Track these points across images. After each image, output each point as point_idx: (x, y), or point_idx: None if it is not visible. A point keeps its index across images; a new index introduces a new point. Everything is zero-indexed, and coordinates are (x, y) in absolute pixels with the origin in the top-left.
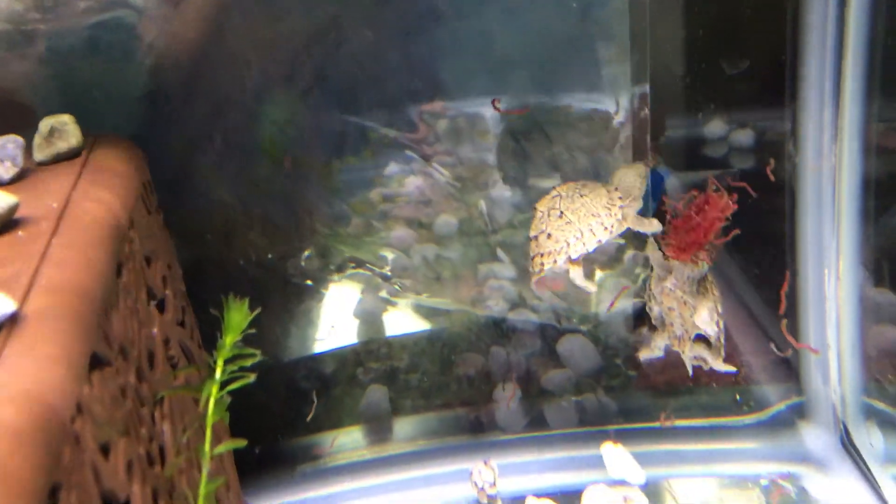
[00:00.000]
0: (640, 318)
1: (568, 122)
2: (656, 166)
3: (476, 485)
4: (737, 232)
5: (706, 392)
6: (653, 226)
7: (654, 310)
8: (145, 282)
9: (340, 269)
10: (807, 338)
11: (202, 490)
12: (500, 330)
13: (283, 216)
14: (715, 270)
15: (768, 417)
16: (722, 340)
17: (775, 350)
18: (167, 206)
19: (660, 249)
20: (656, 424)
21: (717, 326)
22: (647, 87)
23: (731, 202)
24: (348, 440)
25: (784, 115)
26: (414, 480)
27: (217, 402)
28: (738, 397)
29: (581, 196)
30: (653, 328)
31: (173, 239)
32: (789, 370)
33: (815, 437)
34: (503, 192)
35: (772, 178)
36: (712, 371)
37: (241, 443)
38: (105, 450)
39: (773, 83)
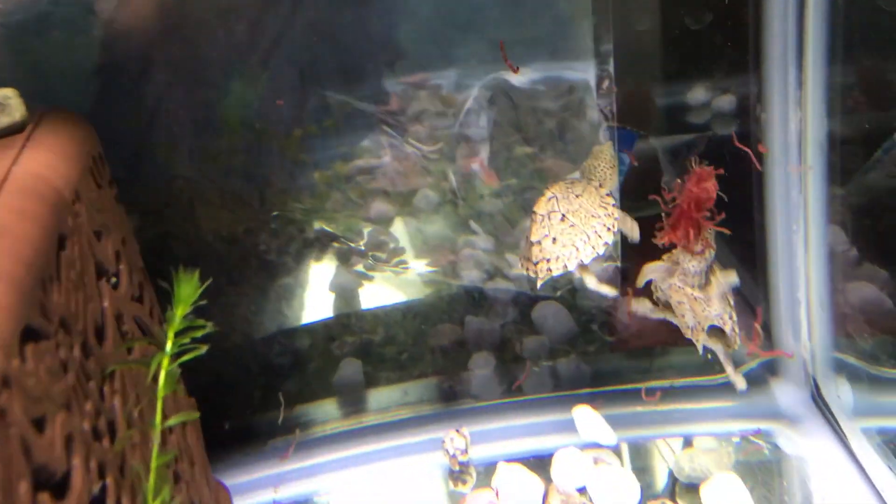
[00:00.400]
0: (613, 282)
1: (532, 85)
2: (623, 127)
3: (448, 452)
4: (725, 231)
5: (679, 353)
6: (633, 232)
7: (661, 299)
8: (94, 256)
9: (313, 243)
10: (778, 295)
11: (153, 463)
12: (473, 299)
13: (246, 189)
14: None
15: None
16: (736, 330)
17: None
18: (126, 180)
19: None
20: (630, 387)
21: (731, 319)
22: (610, 47)
23: (705, 173)
24: (321, 413)
25: (749, 76)
26: (387, 450)
27: (168, 375)
28: (710, 357)
29: (576, 196)
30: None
31: (134, 214)
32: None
33: (787, 393)
34: (471, 162)
35: (765, 149)
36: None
37: (194, 415)
38: (39, 424)
39: (737, 41)
